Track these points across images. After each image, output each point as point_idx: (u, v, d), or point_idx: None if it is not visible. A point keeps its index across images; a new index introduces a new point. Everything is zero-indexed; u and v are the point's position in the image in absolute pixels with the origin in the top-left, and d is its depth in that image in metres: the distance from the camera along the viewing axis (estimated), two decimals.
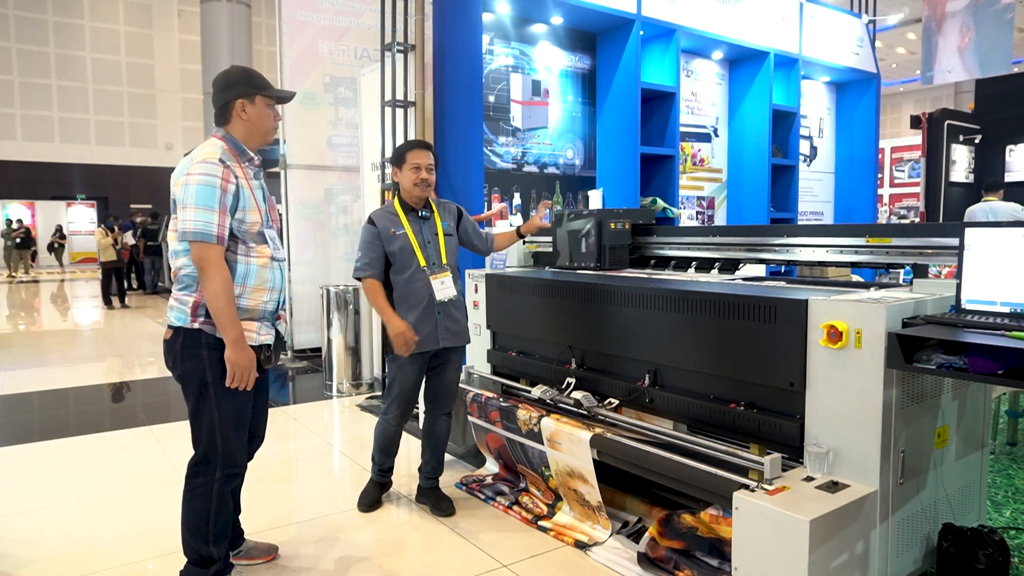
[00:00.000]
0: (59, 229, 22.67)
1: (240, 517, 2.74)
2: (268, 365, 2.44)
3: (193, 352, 2.30)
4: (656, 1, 5.30)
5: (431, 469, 3.31)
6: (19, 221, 20.93)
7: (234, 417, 2.37)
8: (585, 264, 3.72)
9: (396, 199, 3.21)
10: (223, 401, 2.33)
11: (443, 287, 3.14)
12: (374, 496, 3.31)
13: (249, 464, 2.54)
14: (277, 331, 2.48)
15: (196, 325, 2.29)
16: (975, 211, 6.86)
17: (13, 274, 19.47)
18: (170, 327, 2.33)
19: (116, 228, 12.39)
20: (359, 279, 3.15)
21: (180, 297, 2.32)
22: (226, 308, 2.25)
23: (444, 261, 3.18)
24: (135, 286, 14.98)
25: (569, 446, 2.93)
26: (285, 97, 2.54)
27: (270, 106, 2.47)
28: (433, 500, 3.26)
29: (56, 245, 22.29)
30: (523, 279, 3.52)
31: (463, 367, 3.84)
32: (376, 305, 3.13)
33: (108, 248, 11.79)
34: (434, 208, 3.24)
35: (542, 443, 3.08)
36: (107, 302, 11.95)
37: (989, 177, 7.83)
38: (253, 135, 2.44)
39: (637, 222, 3.80)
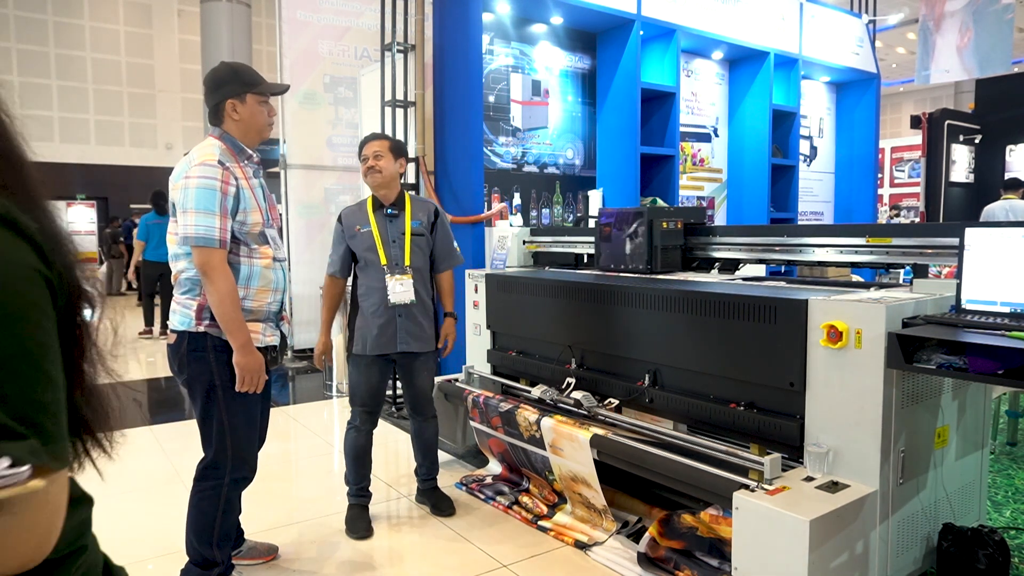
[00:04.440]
0: None
1: (240, 517, 2.74)
2: (273, 366, 2.44)
3: (199, 356, 2.28)
4: (656, 1, 5.30)
5: (426, 471, 3.30)
6: None
7: (244, 419, 2.36)
8: (633, 267, 3.42)
9: (370, 196, 3.16)
10: (232, 404, 2.31)
11: (401, 289, 2.97)
12: (364, 520, 3.05)
13: None
14: (281, 331, 2.48)
15: (201, 328, 2.27)
16: (994, 209, 6.76)
17: None
18: (174, 331, 2.32)
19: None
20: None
21: (183, 301, 2.31)
22: (232, 312, 2.23)
23: (407, 263, 3.02)
24: (135, 286, 14.95)
25: (571, 451, 2.93)
26: (276, 91, 2.49)
27: (262, 102, 2.42)
28: (433, 500, 3.26)
29: None
30: (523, 279, 3.52)
31: (463, 369, 3.86)
32: (323, 307, 3.22)
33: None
34: (407, 206, 3.09)
35: (544, 448, 3.08)
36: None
37: (989, 177, 7.81)
38: (248, 133, 2.41)
39: (689, 221, 3.50)
